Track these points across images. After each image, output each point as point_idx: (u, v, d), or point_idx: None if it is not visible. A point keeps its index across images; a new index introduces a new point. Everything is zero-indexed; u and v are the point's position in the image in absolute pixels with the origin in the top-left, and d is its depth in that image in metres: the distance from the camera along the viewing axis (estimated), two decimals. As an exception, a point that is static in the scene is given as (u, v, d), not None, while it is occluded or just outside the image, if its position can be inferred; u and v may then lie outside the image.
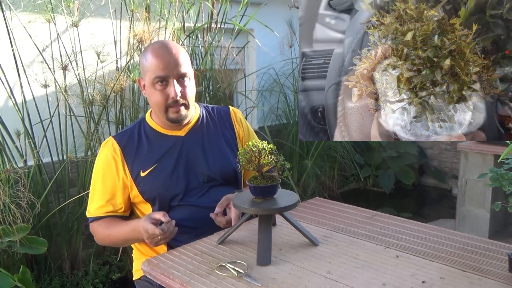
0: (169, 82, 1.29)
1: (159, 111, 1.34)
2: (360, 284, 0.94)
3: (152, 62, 1.28)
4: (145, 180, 1.34)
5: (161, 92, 1.29)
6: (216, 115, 1.48)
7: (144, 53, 1.33)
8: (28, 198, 1.92)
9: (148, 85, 1.32)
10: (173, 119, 1.34)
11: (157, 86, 1.29)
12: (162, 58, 1.27)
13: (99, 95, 2.45)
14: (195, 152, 1.39)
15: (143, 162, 1.35)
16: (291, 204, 1.07)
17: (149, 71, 1.29)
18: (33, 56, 2.51)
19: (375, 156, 4.79)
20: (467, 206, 2.96)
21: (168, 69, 1.27)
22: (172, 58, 1.28)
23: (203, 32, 2.91)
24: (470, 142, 2.93)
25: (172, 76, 1.28)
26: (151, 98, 1.33)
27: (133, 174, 1.34)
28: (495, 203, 1.02)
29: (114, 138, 1.38)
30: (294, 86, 4.16)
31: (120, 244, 1.43)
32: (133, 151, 1.36)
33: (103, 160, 1.37)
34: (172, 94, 1.29)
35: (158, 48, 1.30)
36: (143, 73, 1.33)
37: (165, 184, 1.34)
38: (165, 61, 1.27)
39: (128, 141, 1.37)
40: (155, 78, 1.28)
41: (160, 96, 1.30)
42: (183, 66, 1.30)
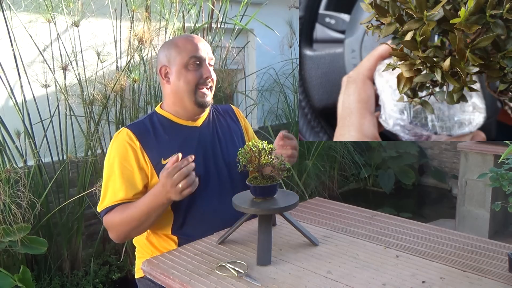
0: (202, 64, 1.36)
1: (188, 93, 1.36)
2: (360, 284, 0.94)
3: (186, 45, 1.34)
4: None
5: (195, 71, 1.35)
6: (222, 111, 1.54)
7: (172, 42, 1.38)
8: (28, 198, 1.92)
9: (178, 68, 1.35)
10: (200, 103, 1.37)
11: (191, 66, 1.34)
12: (197, 42, 1.36)
13: (99, 95, 2.45)
14: (212, 142, 1.43)
15: (164, 149, 1.34)
16: (291, 204, 1.07)
17: (182, 53, 1.34)
18: (33, 56, 2.51)
19: (375, 156, 4.79)
20: (467, 206, 2.96)
21: (203, 51, 1.35)
22: (204, 44, 1.38)
23: (203, 32, 2.91)
24: (470, 142, 2.93)
25: (207, 58, 1.37)
26: (180, 80, 1.35)
27: (153, 161, 1.33)
28: (495, 203, 1.02)
29: (128, 128, 1.37)
30: (294, 86, 4.16)
31: (141, 223, 1.25)
32: (151, 139, 1.36)
33: (118, 148, 1.33)
34: (208, 73, 1.36)
35: (188, 36, 1.40)
36: (170, 60, 1.36)
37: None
38: (200, 44, 1.36)
39: (144, 131, 1.37)
40: (191, 58, 1.33)
41: (193, 75, 1.35)
42: (211, 55, 1.40)
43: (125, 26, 2.68)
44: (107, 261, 2.81)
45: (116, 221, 1.28)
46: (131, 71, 2.52)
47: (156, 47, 2.62)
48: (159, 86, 2.78)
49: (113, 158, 1.33)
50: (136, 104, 2.69)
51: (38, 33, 2.47)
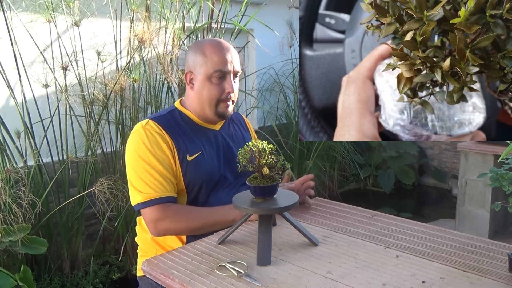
0: (226, 78, 1.35)
1: (208, 105, 1.36)
2: (360, 284, 0.94)
3: (213, 56, 1.32)
4: (191, 165, 1.33)
5: (218, 86, 1.34)
6: (235, 119, 1.56)
7: (201, 48, 1.35)
8: (28, 198, 1.92)
9: (202, 78, 1.34)
10: (221, 114, 1.38)
11: (215, 79, 1.33)
12: (225, 54, 1.33)
13: (100, 95, 2.45)
14: (229, 147, 1.44)
15: (190, 146, 1.35)
16: (291, 204, 1.07)
17: (208, 64, 1.32)
18: (33, 56, 2.51)
19: (375, 156, 4.80)
20: (467, 206, 2.96)
21: (229, 65, 1.34)
22: (232, 56, 1.35)
23: (203, 32, 2.91)
24: (470, 142, 2.93)
25: (231, 72, 1.35)
26: (204, 91, 1.35)
27: (179, 155, 1.32)
28: (495, 203, 1.02)
29: (152, 120, 1.35)
30: (294, 86, 4.16)
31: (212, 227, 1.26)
32: (178, 133, 1.35)
33: (151, 137, 1.30)
34: (230, 89, 1.35)
35: (219, 44, 1.36)
36: (196, 66, 1.35)
37: (207, 172, 1.35)
38: (228, 57, 1.34)
39: (168, 124, 1.35)
40: (216, 71, 1.32)
41: (216, 90, 1.34)
42: (239, 65, 1.38)
43: (125, 26, 2.68)
44: (107, 261, 2.81)
45: (179, 215, 1.27)
46: (131, 71, 2.52)
47: (156, 47, 2.63)
48: (159, 86, 2.78)
49: (148, 147, 1.29)
50: (136, 104, 2.69)
51: (38, 33, 2.47)
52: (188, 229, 1.30)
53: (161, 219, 1.27)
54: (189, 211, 1.31)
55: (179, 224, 1.28)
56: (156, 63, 2.68)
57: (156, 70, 2.72)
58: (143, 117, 2.71)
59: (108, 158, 2.74)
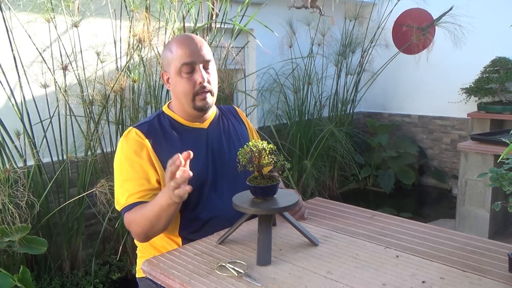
0: (195, 69, 1.33)
1: (185, 100, 1.35)
2: (360, 284, 0.94)
3: (177, 51, 1.32)
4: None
5: (188, 79, 1.33)
6: (227, 112, 1.54)
7: (168, 46, 1.36)
8: (27, 198, 1.92)
9: (173, 75, 1.34)
10: (199, 107, 1.36)
11: (184, 74, 1.32)
12: (188, 46, 1.32)
13: (99, 95, 2.45)
14: (220, 144, 1.42)
15: (174, 151, 1.33)
16: (291, 204, 1.07)
17: (175, 60, 1.32)
18: (33, 56, 2.51)
19: (375, 156, 4.79)
20: (467, 206, 2.96)
21: (194, 55, 1.31)
22: (197, 46, 1.33)
23: (203, 32, 2.91)
24: (470, 142, 2.93)
25: (198, 62, 1.32)
26: (177, 87, 1.34)
27: (163, 163, 1.31)
28: (495, 203, 1.02)
29: (136, 127, 1.36)
30: (294, 86, 4.16)
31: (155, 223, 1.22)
32: (161, 140, 1.35)
33: (130, 145, 1.32)
34: (200, 79, 1.32)
35: (182, 38, 1.35)
36: (167, 65, 1.36)
37: (195, 175, 1.34)
38: (191, 48, 1.32)
39: (151, 131, 1.35)
40: (182, 65, 1.31)
41: (187, 84, 1.33)
42: (207, 53, 1.35)
43: (124, 26, 2.68)
44: (107, 261, 2.81)
45: (137, 219, 1.26)
46: (130, 71, 2.51)
47: (156, 47, 2.62)
48: (159, 86, 2.78)
49: (126, 156, 1.31)
50: (136, 104, 2.68)
51: (38, 33, 2.47)
52: (145, 228, 1.25)
53: (129, 226, 1.28)
54: (138, 211, 1.26)
55: (138, 227, 1.25)
56: (155, 63, 2.68)
57: (156, 70, 2.72)
58: (143, 117, 2.71)
59: (108, 158, 2.74)
